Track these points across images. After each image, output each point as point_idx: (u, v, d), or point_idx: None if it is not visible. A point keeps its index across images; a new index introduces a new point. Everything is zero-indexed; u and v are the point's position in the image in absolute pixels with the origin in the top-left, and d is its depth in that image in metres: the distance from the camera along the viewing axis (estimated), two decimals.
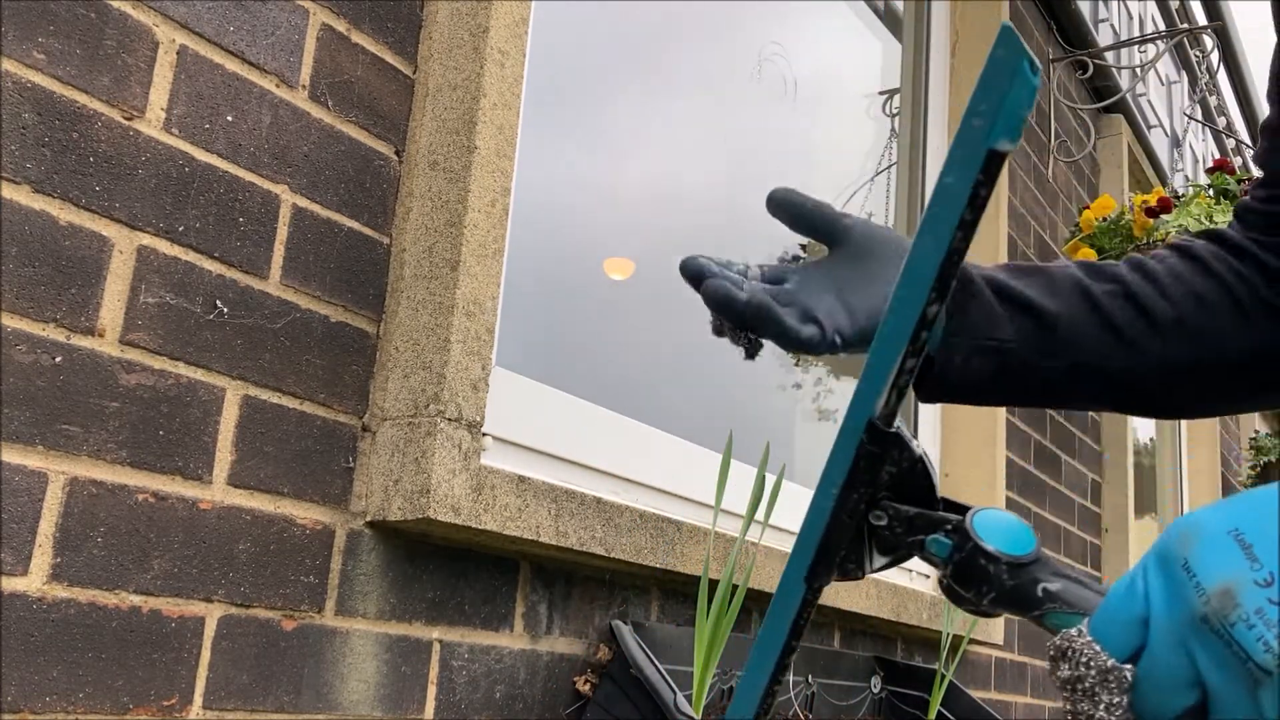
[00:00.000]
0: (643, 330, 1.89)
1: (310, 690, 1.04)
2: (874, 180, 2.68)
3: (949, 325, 0.75)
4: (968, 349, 0.74)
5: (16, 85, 0.87)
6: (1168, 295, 0.79)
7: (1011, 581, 0.51)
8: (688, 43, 2.13)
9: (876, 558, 0.58)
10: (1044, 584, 0.51)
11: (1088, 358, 0.77)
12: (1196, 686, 0.43)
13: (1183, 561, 0.43)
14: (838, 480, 0.55)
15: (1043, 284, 0.78)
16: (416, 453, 1.09)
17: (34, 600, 0.85)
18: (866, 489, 0.55)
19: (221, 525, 0.98)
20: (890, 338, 0.52)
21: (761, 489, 1.36)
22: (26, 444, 0.85)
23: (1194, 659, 0.43)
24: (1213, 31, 3.89)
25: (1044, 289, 0.78)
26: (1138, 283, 0.79)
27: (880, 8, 2.79)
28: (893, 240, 0.74)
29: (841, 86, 2.68)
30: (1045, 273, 0.79)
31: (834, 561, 0.57)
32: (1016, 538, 0.51)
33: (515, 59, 1.23)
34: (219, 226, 1.01)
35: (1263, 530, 0.42)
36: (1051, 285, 0.78)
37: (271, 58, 1.07)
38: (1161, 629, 0.44)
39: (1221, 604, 0.41)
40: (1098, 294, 0.78)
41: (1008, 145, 0.45)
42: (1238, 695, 0.42)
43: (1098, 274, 0.80)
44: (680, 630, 1.47)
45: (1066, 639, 0.46)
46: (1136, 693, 0.45)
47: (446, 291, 1.12)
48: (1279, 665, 0.40)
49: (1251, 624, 0.41)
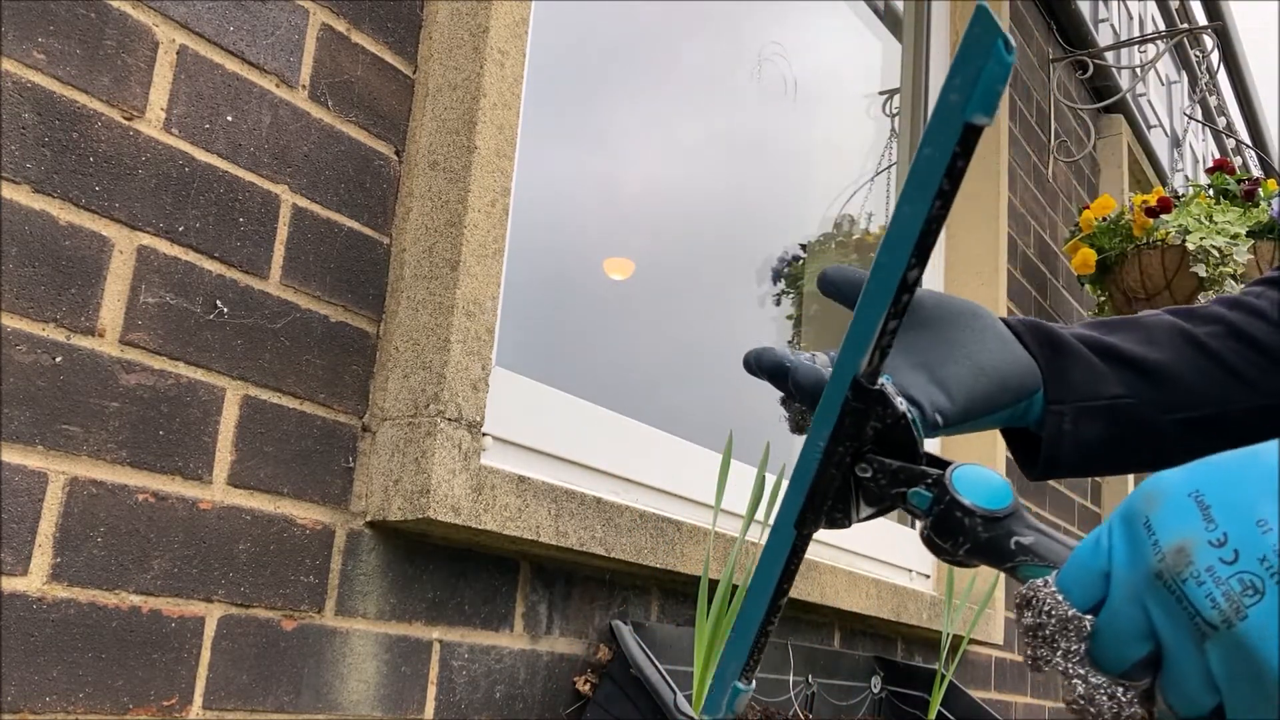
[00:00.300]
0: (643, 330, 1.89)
1: (310, 690, 1.04)
2: (874, 180, 2.68)
3: (1048, 393, 0.72)
4: (1075, 414, 0.71)
5: (16, 85, 0.87)
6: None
7: (986, 534, 0.53)
8: (688, 42, 2.13)
9: (863, 508, 0.60)
10: (1017, 537, 0.53)
11: (1207, 407, 0.73)
12: (1150, 639, 0.46)
13: (1145, 520, 0.45)
14: (825, 434, 0.58)
15: (1139, 336, 0.75)
16: (416, 453, 1.09)
17: (34, 600, 0.85)
18: (852, 443, 0.58)
19: (221, 525, 0.98)
20: (873, 300, 0.54)
21: (761, 489, 1.36)
22: (26, 444, 0.85)
23: (1149, 613, 0.45)
24: (1213, 31, 3.89)
25: (1141, 340, 0.74)
26: (1242, 319, 0.75)
27: (880, 8, 2.79)
28: (968, 308, 0.72)
29: (841, 86, 2.68)
30: (1137, 324, 0.76)
31: (822, 510, 0.59)
32: (993, 493, 0.54)
33: (515, 59, 1.23)
34: (219, 226, 1.01)
35: (1221, 493, 0.44)
36: (1149, 335, 0.75)
37: (271, 58, 1.07)
38: (1121, 583, 0.46)
39: (1175, 561, 0.44)
40: (1202, 337, 0.74)
41: (984, 120, 0.47)
42: (1186, 649, 0.44)
43: (1193, 317, 0.76)
44: (680, 630, 1.47)
45: (1032, 588, 0.48)
46: (1094, 642, 0.47)
47: (446, 291, 1.12)
48: (1223, 622, 0.42)
49: (1201, 581, 0.43)
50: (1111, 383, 0.72)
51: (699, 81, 2.14)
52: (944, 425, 0.67)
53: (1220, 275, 2.56)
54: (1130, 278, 2.75)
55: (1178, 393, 0.73)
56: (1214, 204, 2.71)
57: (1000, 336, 0.72)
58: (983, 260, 2.68)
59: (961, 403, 0.68)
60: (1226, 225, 2.60)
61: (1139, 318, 0.77)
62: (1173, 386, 0.73)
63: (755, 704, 1.54)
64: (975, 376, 0.69)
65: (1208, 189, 2.82)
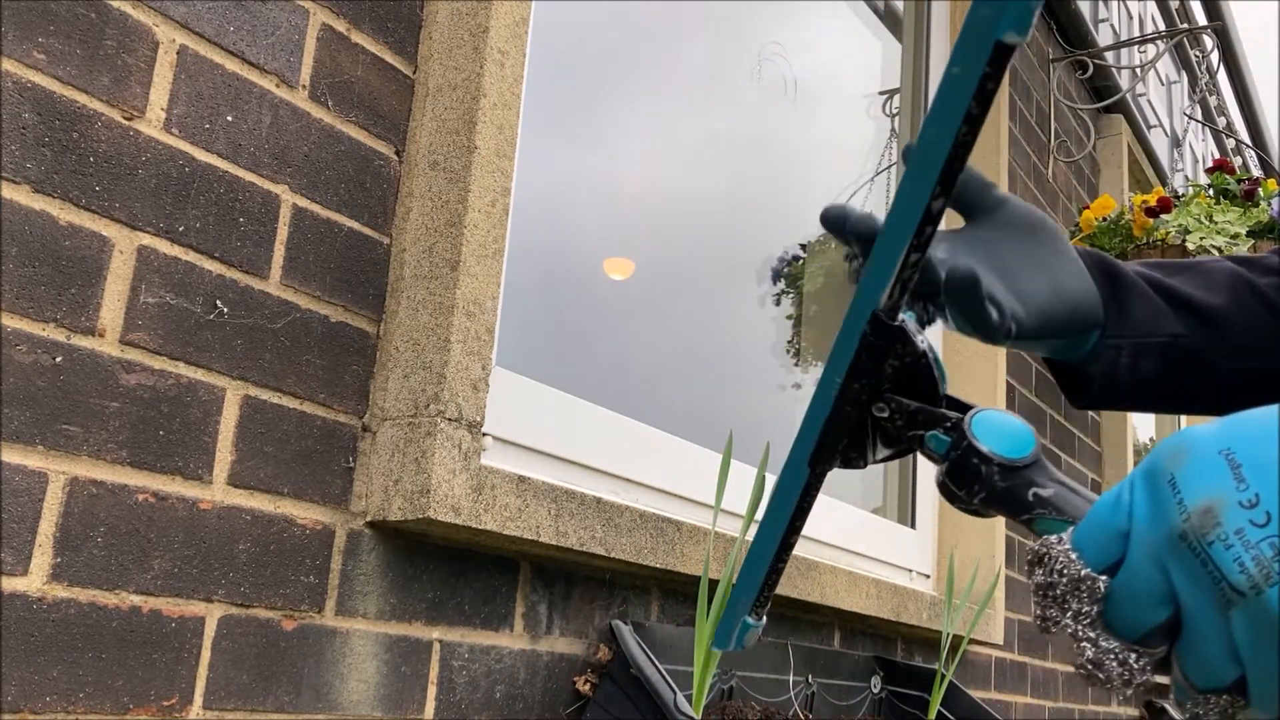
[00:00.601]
0: (643, 330, 1.89)
1: (310, 690, 1.04)
2: (874, 180, 2.68)
3: (1107, 327, 0.70)
4: (1134, 349, 0.70)
5: (16, 85, 0.87)
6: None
7: (1004, 483, 0.51)
8: (688, 42, 2.13)
9: (880, 449, 0.58)
10: (1036, 489, 0.51)
11: (1266, 358, 0.71)
12: (1169, 603, 0.43)
13: (1169, 477, 0.43)
14: (841, 370, 0.56)
15: (1198, 280, 0.73)
16: (416, 453, 1.09)
17: (34, 600, 0.85)
18: (869, 380, 0.55)
19: (221, 525, 0.98)
20: (894, 232, 0.51)
21: (761, 489, 1.36)
22: (26, 444, 0.85)
23: (1169, 576, 0.42)
24: (1213, 31, 3.89)
25: (1200, 284, 0.72)
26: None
27: (880, 8, 2.79)
28: (1046, 223, 0.70)
29: (841, 86, 2.68)
30: (1196, 268, 0.74)
31: (836, 448, 0.57)
32: (1014, 440, 0.51)
33: (515, 59, 1.23)
34: (219, 226, 1.01)
35: (1254, 452, 0.41)
36: (1208, 280, 0.73)
37: (271, 58, 1.07)
38: (1141, 542, 0.43)
39: (1202, 522, 0.41)
40: (1263, 287, 0.72)
41: (1015, 38, 0.44)
42: (1209, 615, 0.41)
43: (1254, 266, 0.74)
44: (680, 630, 1.47)
45: (1045, 545, 0.46)
46: (1109, 604, 0.44)
47: (446, 291, 1.12)
48: (1251, 588, 0.39)
49: (1230, 544, 0.40)
50: (1171, 321, 0.70)
51: (699, 81, 2.14)
52: (1015, 334, 0.65)
53: None
54: None
55: (1238, 340, 0.71)
56: (1214, 204, 2.71)
57: (1074, 260, 0.70)
58: None
59: (1034, 321, 0.66)
60: (1226, 225, 2.60)
61: (1198, 262, 0.75)
62: (1233, 333, 0.71)
63: (755, 704, 1.55)
64: (1051, 297, 0.67)
65: (1208, 189, 2.82)
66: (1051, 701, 2.91)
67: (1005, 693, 2.63)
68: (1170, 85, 4.65)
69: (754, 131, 2.31)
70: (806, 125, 2.51)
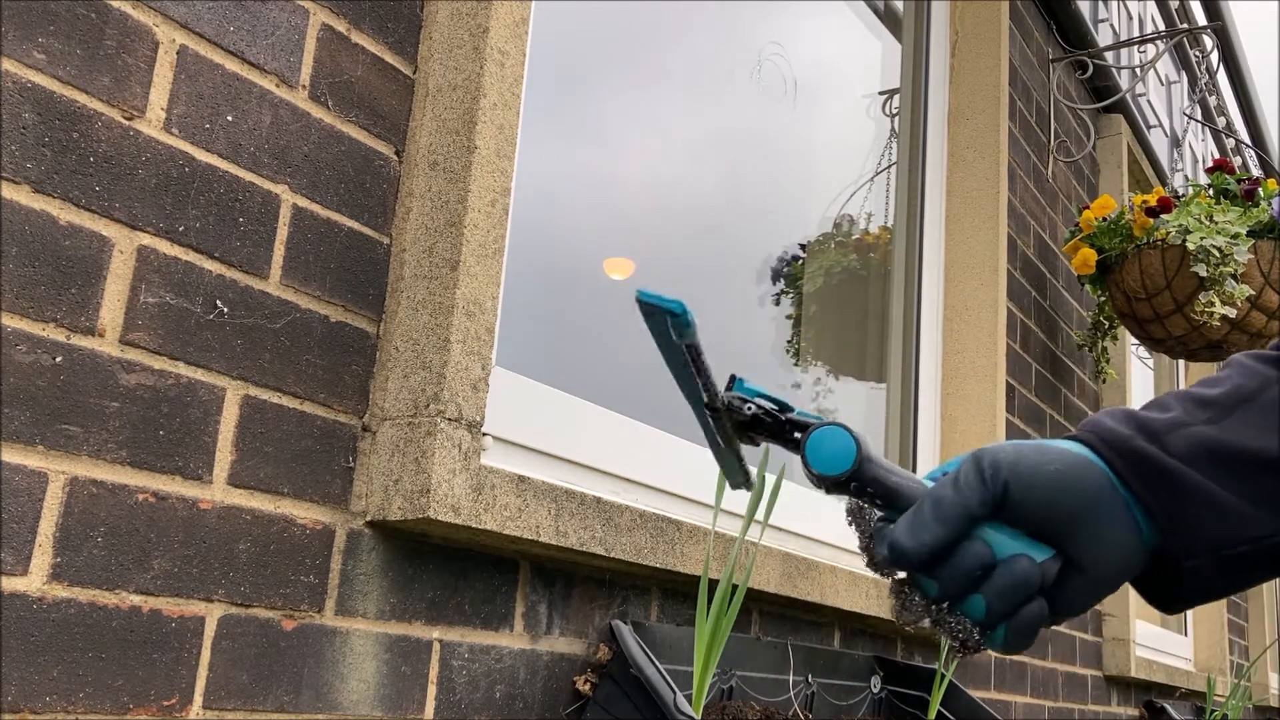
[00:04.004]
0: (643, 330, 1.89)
1: (310, 690, 1.04)
2: (874, 180, 2.68)
3: (1169, 545, 0.62)
4: (1216, 566, 0.62)
5: (16, 85, 0.87)
6: None
7: (834, 492, 0.67)
8: (688, 43, 2.13)
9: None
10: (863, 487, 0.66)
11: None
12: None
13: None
14: (703, 419, 0.72)
15: (1264, 422, 0.62)
16: (416, 453, 1.09)
17: (34, 600, 0.85)
18: (731, 426, 0.71)
19: (221, 525, 0.98)
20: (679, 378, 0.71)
21: (761, 489, 1.36)
22: (26, 444, 0.85)
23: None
24: (1213, 31, 3.89)
25: (1269, 427, 0.61)
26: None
27: (880, 7, 2.79)
28: (1080, 505, 0.62)
29: (841, 86, 2.68)
30: (1253, 403, 0.63)
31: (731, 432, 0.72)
32: (834, 459, 0.65)
33: (515, 59, 1.23)
34: (219, 226, 1.01)
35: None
36: (1276, 419, 0.62)
37: (271, 58, 1.07)
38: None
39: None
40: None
41: (690, 339, 0.67)
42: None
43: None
44: (680, 630, 1.47)
45: (854, 505, 0.67)
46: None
47: (446, 291, 1.12)
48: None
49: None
50: (1250, 517, 0.60)
51: (699, 81, 2.14)
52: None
53: (1220, 275, 2.56)
54: (1130, 278, 2.75)
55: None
56: (1214, 204, 2.70)
57: (1121, 524, 0.62)
58: (982, 260, 2.68)
59: (1078, 613, 0.64)
60: (1226, 225, 2.60)
61: (1250, 390, 0.64)
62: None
63: (755, 704, 1.54)
64: (1096, 592, 0.63)
65: (1208, 189, 2.82)
66: (1051, 701, 2.91)
67: (1005, 692, 2.63)
68: (1170, 85, 4.65)
69: (754, 131, 2.31)
70: (806, 125, 2.51)
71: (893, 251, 2.67)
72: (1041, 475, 0.62)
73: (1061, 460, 0.63)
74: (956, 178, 2.78)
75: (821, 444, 0.65)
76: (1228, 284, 2.56)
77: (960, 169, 2.78)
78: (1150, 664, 3.58)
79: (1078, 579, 0.62)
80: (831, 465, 0.65)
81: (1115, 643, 3.31)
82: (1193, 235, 2.59)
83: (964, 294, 2.67)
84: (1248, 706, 4.61)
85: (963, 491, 0.62)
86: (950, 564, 0.62)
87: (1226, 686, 4.25)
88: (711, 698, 1.48)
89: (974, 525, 0.62)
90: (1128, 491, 0.62)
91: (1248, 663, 5.32)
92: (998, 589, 0.61)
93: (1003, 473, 0.62)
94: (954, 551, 0.61)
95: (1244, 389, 0.64)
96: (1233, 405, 0.63)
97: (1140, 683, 3.57)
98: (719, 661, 1.37)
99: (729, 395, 0.70)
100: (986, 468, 0.62)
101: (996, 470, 0.62)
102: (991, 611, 0.61)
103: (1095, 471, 0.62)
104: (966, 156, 2.78)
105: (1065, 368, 3.22)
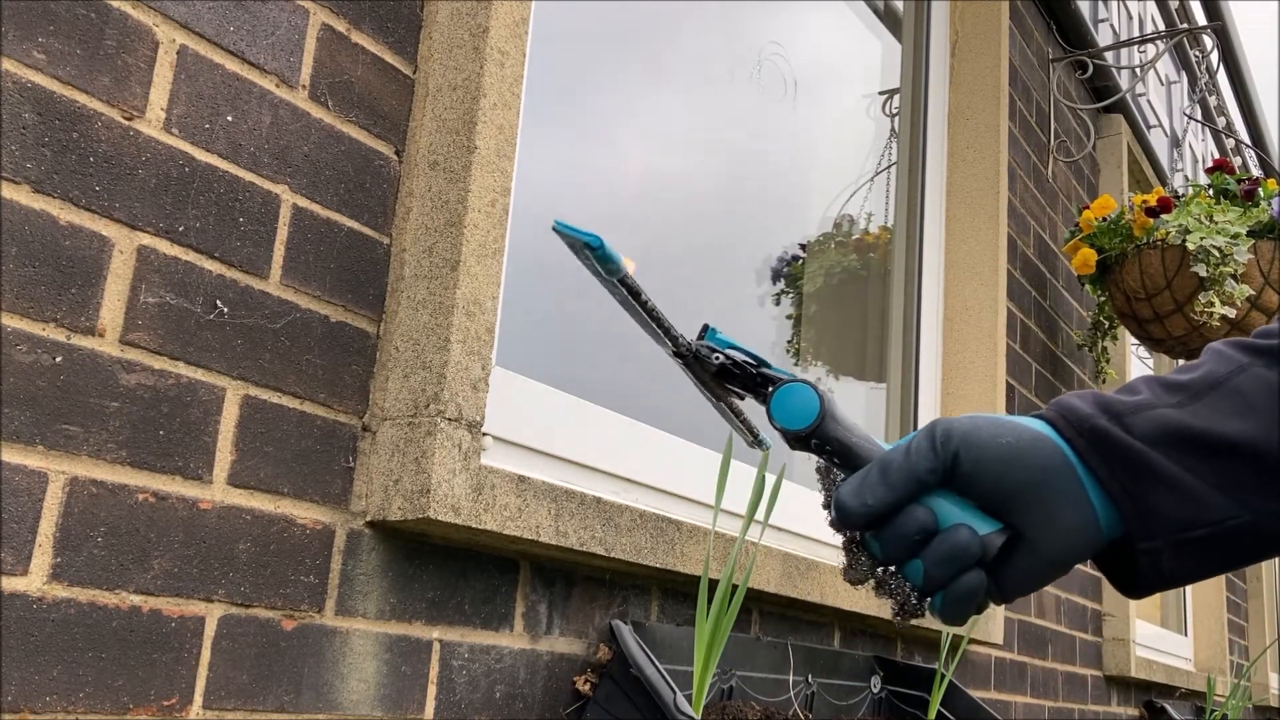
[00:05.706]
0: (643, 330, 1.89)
1: (310, 690, 1.04)
2: (874, 180, 2.68)
3: (1128, 528, 0.62)
4: (1173, 550, 0.61)
5: (16, 85, 0.87)
6: None
7: (799, 446, 0.68)
8: (687, 43, 2.13)
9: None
10: (822, 444, 0.68)
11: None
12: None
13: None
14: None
15: (1231, 406, 0.61)
16: (416, 453, 1.09)
17: (34, 600, 0.85)
18: (706, 374, 0.73)
19: (221, 525, 0.98)
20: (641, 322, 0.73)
21: (761, 489, 1.36)
22: (26, 444, 0.85)
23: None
24: (1213, 31, 3.89)
25: (1236, 412, 0.60)
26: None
27: (880, 7, 2.79)
28: (1034, 478, 0.62)
29: (841, 86, 2.68)
30: (1224, 387, 0.62)
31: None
32: (796, 414, 0.67)
33: (515, 59, 1.23)
34: (219, 226, 1.01)
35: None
36: (1243, 403, 0.61)
37: (271, 58, 1.07)
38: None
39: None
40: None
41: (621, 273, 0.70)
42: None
43: (1272, 356, 0.62)
44: (680, 630, 1.47)
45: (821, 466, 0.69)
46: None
47: (446, 291, 1.12)
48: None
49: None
50: (1209, 501, 0.59)
51: (699, 81, 2.14)
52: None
53: (1220, 275, 2.56)
54: (1130, 278, 2.75)
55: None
56: (1214, 204, 2.70)
57: (1073, 502, 0.61)
58: (982, 260, 2.68)
59: (1027, 591, 0.64)
60: (1226, 225, 2.60)
61: (1220, 376, 0.63)
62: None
63: (755, 704, 1.55)
64: (1045, 572, 0.63)
65: (1208, 189, 2.82)
66: (1051, 701, 2.91)
67: (1005, 693, 2.63)
68: (1170, 85, 4.65)
69: (754, 131, 2.31)
70: (806, 124, 2.51)
71: (893, 251, 2.67)
72: (992, 448, 0.63)
73: (1015, 435, 0.63)
74: (956, 178, 2.78)
75: (788, 399, 0.68)
76: (1228, 284, 2.56)
77: (960, 169, 2.78)
78: (1150, 664, 3.59)
79: (1026, 556, 0.63)
80: (794, 420, 0.67)
81: (1115, 643, 3.31)
82: (1193, 235, 2.59)
83: (964, 294, 2.67)
84: (1248, 706, 4.61)
85: (911, 457, 0.64)
86: (892, 527, 0.64)
87: (1226, 686, 4.25)
88: (711, 698, 1.48)
89: (923, 491, 0.64)
90: (1087, 471, 0.62)
91: (1248, 663, 5.32)
92: (936, 556, 0.63)
93: (954, 442, 0.63)
94: (897, 515, 0.64)
95: (1214, 374, 0.63)
96: (1201, 390, 0.62)
97: (1140, 683, 3.57)
98: (719, 661, 1.37)
99: (698, 344, 0.72)
100: (939, 436, 0.64)
101: (948, 439, 0.63)
102: (929, 577, 0.63)
103: (1050, 448, 0.63)
104: (966, 156, 2.78)
105: (1065, 368, 3.22)
